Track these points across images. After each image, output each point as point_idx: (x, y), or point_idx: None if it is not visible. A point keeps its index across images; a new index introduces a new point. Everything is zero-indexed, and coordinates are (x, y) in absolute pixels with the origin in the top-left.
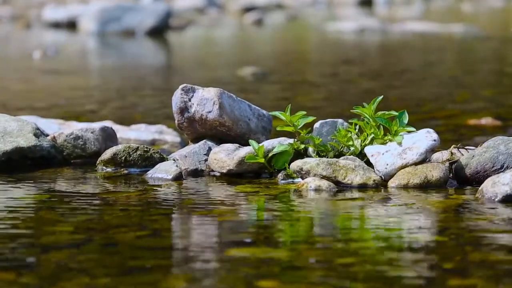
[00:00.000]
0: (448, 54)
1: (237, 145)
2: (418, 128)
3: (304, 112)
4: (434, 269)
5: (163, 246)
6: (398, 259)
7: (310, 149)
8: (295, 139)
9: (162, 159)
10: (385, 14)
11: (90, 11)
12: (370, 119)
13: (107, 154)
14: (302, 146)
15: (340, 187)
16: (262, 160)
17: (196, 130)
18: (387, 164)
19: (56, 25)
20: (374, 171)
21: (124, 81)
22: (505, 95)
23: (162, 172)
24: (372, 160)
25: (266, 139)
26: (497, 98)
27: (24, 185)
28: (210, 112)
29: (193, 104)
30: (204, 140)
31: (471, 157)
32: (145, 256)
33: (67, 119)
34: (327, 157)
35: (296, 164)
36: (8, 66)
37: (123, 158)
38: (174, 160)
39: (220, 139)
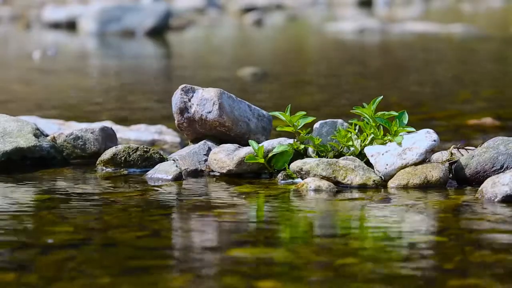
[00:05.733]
0: (448, 54)
1: (237, 145)
2: (418, 129)
3: (304, 113)
4: (434, 269)
5: (163, 246)
6: (398, 259)
7: (310, 150)
8: (295, 139)
9: (162, 160)
10: (385, 14)
11: (90, 11)
12: (370, 119)
13: (107, 155)
14: (302, 146)
15: (340, 187)
16: (262, 161)
17: (196, 130)
18: (387, 165)
19: (56, 26)
20: (374, 172)
21: (124, 81)
22: (505, 95)
23: (162, 172)
24: (372, 160)
25: (266, 139)
26: (497, 98)
27: (24, 185)
28: (210, 112)
29: (193, 104)
30: (204, 141)
31: (470, 157)
32: (145, 256)
33: (66, 119)
34: (327, 158)
35: (296, 165)
36: (8, 66)
37: (123, 158)
38: (174, 160)
39: (220, 139)
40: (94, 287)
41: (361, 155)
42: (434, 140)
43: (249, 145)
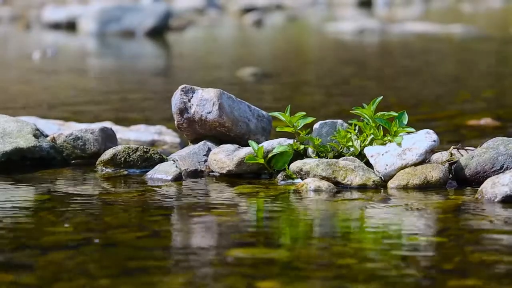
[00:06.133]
0: (448, 54)
1: (237, 145)
2: (417, 129)
3: (304, 113)
4: (434, 269)
5: (163, 247)
6: (398, 259)
7: (310, 150)
8: (295, 140)
9: (162, 160)
10: (385, 15)
11: (89, 12)
12: (370, 120)
13: (106, 155)
14: (302, 146)
15: (340, 187)
16: (262, 161)
17: (196, 130)
18: (387, 165)
19: (56, 26)
20: (374, 172)
21: (123, 81)
22: (504, 95)
23: (162, 172)
24: (371, 160)
25: (266, 140)
26: (497, 98)
27: (23, 185)
28: (209, 112)
29: (192, 104)
30: (204, 141)
31: (470, 158)
32: (145, 256)
33: (66, 119)
34: (327, 158)
35: (295, 165)
36: (8, 66)
37: (122, 158)
38: (173, 160)
39: (219, 140)
40: (94, 287)
41: (360, 156)
42: (434, 141)
43: (249, 146)
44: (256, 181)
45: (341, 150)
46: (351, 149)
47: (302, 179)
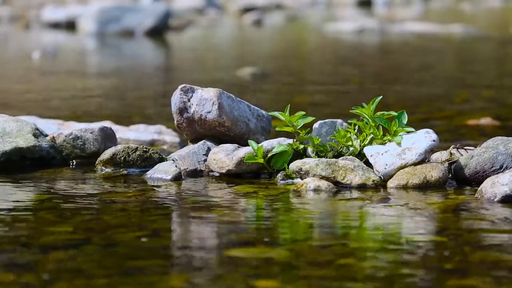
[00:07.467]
0: (448, 54)
1: (236, 145)
2: (417, 129)
3: (303, 113)
4: (433, 269)
5: (163, 246)
6: (398, 259)
7: (309, 150)
8: (294, 140)
9: (161, 160)
10: (384, 15)
11: (89, 12)
12: (369, 120)
13: (106, 155)
14: (301, 146)
15: (339, 187)
16: (261, 161)
17: (195, 130)
18: (386, 165)
19: (56, 26)
20: (373, 172)
21: (123, 81)
22: (504, 95)
23: (161, 172)
24: (371, 160)
25: (265, 140)
26: (496, 98)
27: (23, 185)
28: (209, 112)
29: (192, 104)
30: (203, 141)
31: (470, 157)
32: (145, 256)
33: (66, 119)
34: (326, 158)
35: (295, 165)
36: (7, 66)
37: (122, 158)
38: (173, 160)
39: (219, 139)
40: (93, 287)
41: (360, 155)
42: (434, 140)
43: (249, 145)
44: (256, 180)
45: (340, 150)
46: (351, 148)
47: (302, 179)
